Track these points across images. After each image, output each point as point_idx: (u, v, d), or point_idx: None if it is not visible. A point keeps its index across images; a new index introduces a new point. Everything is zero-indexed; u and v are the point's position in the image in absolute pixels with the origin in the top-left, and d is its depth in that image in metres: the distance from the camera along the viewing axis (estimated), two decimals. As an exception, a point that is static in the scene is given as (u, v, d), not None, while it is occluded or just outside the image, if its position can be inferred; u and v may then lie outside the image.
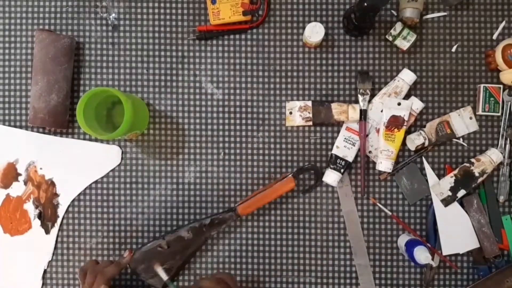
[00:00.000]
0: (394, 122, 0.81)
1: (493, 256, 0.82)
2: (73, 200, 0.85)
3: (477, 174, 0.81)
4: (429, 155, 0.85)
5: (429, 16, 0.84)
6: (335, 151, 0.83)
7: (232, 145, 0.85)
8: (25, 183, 0.85)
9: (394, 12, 0.84)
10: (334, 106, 0.83)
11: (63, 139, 0.85)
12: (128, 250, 0.78)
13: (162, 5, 0.85)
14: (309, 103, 0.84)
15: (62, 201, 0.85)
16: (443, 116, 0.84)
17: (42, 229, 0.85)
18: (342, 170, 0.82)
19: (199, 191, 0.85)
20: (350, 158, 0.83)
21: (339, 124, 0.84)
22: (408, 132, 0.83)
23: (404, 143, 0.84)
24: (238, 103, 0.85)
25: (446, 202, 0.82)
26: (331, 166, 0.82)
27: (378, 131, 0.83)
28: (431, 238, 0.83)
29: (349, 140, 0.83)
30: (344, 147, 0.83)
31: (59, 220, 0.85)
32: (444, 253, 0.83)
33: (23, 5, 0.85)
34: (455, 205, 0.83)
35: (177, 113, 0.85)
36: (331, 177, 0.82)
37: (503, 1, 0.84)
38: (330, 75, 0.85)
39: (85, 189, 0.85)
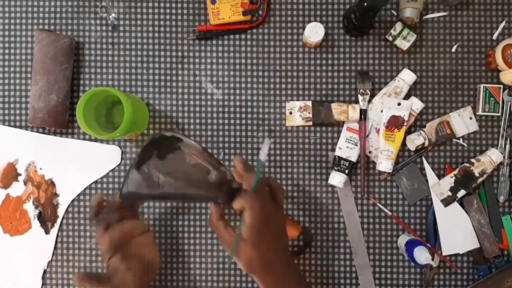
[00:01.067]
0: (394, 122, 0.81)
1: (493, 256, 0.82)
2: (73, 200, 0.85)
3: (477, 174, 0.81)
4: (429, 155, 0.85)
5: (429, 16, 0.84)
6: (338, 152, 0.83)
7: (232, 145, 0.85)
8: (25, 183, 0.85)
9: (394, 12, 0.84)
10: (334, 106, 0.83)
11: (63, 139, 0.85)
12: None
13: (162, 5, 0.85)
14: (309, 103, 0.84)
15: (62, 201, 0.85)
16: (443, 116, 0.84)
17: (42, 229, 0.85)
18: (346, 171, 0.82)
19: (199, 191, 0.85)
20: (353, 158, 0.83)
21: (339, 124, 0.84)
22: (408, 132, 0.83)
23: (404, 143, 0.83)
24: (238, 103, 0.85)
25: (446, 202, 0.82)
26: (335, 168, 0.82)
27: (378, 131, 0.83)
28: (431, 238, 0.83)
29: (351, 140, 0.83)
30: (346, 147, 0.83)
31: (59, 220, 0.85)
32: (444, 253, 0.83)
33: (23, 5, 0.85)
34: (455, 205, 0.83)
35: (177, 113, 0.85)
36: (336, 179, 0.82)
37: (503, 1, 0.84)
38: (330, 75, 0.85)
39: (85, 189, 0.85)
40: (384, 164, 0.81)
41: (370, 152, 0.84)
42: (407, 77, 0.82)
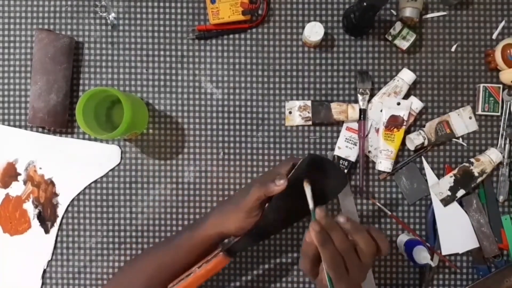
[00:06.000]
0: (394, 122, 0.81)
1: (492, 256, 0.83)
2: (73, 200, 0.85)
3: (476, 174, 0.81)
4: (429, 155, 0.85)
5: (429, 15, 0.84)
6: (337, 152, 0.83)
7: (232, 145, 0.85)
8: (25, 182, 0.85)
9: (394, 12, 0.84)
10: (333, 105, 0.83)
11: (63, 138, 0.85)
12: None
13: (161, 4, 0.85)
14: (309, 103, 0.84)
15: (62, 200, 0.85)
16: (442, 116, 0.84)
17: (41, 229, 0.85)
18: (346, 171, 0.82)
19: (198, 191, 0.85)
20: (352, 158, 0.83)
21: (339, 123, 0.84)
22: (407, 132, 0.83)
23: (403, 143, 0.84)
24: (237, 103, 0.85)
25: (446, 202, 0.82)
26: (334, 168, 0.83)
27: (377, 131, 0.84)
28: (430, 238, 0.83)
29: (350, 140, 0.83)
30: (346, 147, 0.83)
31: (58, 220, 0.85)
32: (444, 253, 0.83)
33: (22, 4, 0.85)
34: (455, 205, 0.83)
35: (176, 113, 0.85)
36: None
37: (502, 0, 0.84)
38: (330, 74, 0.85)
39: (85, 188, 0.85)
40: (384, 164, 0.81)
41: (369, 151, 0.84)
42: (406, 76, 0.82)
